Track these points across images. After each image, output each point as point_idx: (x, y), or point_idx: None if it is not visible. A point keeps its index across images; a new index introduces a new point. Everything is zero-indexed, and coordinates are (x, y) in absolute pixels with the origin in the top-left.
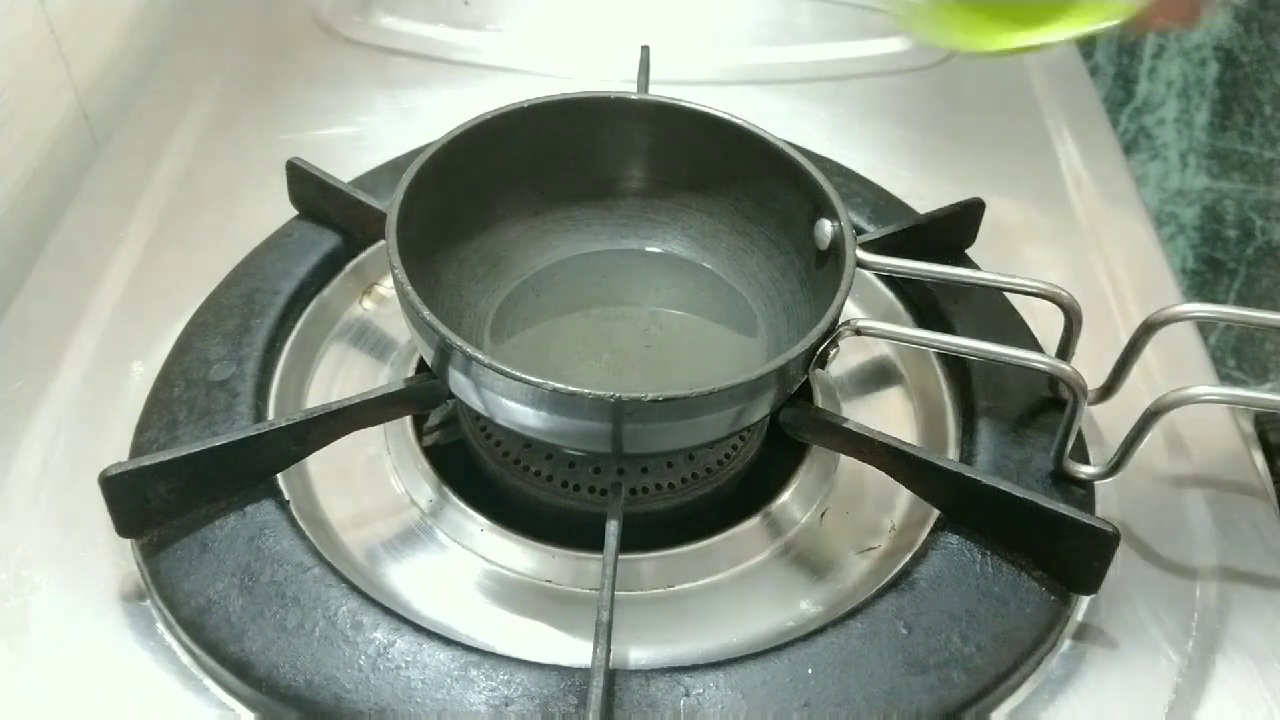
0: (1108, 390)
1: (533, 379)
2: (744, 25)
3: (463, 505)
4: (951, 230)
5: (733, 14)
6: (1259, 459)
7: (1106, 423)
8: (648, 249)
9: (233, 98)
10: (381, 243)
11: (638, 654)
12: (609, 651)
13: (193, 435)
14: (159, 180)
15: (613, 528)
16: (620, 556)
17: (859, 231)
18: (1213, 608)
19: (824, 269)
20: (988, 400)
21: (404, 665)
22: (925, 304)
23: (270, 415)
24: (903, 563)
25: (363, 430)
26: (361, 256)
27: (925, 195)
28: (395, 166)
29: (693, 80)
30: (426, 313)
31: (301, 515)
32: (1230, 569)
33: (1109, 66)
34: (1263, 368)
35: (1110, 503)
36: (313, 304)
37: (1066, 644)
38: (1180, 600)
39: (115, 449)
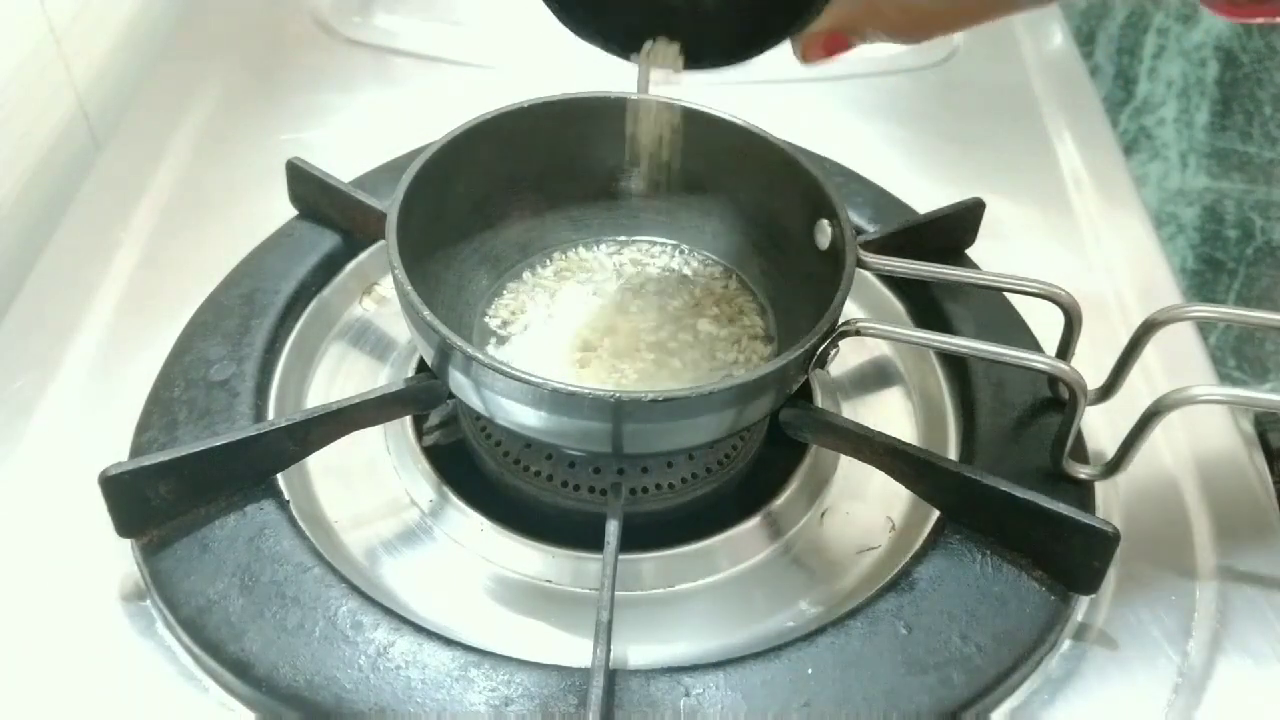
0: (1108, 390)
1: (533, 379)
2: None
3: (463, 505)
4: (951, 230)
5: None
6: (1259, 459)
7: (1106, 423)
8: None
9: (233, 97)
10: (381, 243)
11: (638, 654)
12: (609, 651)
13: (193, 435)
14: (159, 180)
15: (613, 528)
16: (620, 556)
17: (859, 231)
18: (1213, 608)
19: (824, 269)
20: (988, 400)
21: (404, 665)
22: (925, 304)
23: (270, 415)
24: (903, 563)
25: (363, 430)
26: (361, 256)
27: (925, 195)
28: (395, 166)
29: (692, 80)
30: (426, 313)
31: (301, 515)
32: (1230, 569)
33: (1109, 66)
34: (1263, 368)
35: (1110, 503)
36: (313, 304)
37: (1066, 644)
38: (1180, 600)
39: (115, 449)
